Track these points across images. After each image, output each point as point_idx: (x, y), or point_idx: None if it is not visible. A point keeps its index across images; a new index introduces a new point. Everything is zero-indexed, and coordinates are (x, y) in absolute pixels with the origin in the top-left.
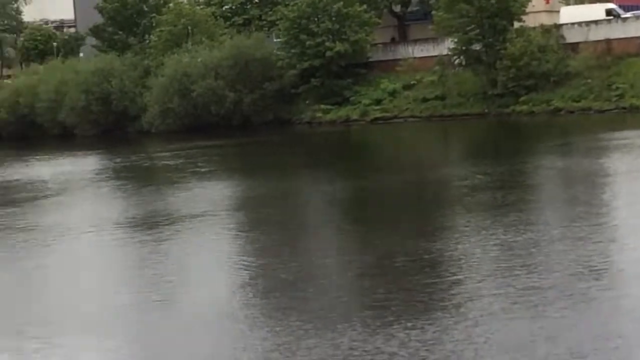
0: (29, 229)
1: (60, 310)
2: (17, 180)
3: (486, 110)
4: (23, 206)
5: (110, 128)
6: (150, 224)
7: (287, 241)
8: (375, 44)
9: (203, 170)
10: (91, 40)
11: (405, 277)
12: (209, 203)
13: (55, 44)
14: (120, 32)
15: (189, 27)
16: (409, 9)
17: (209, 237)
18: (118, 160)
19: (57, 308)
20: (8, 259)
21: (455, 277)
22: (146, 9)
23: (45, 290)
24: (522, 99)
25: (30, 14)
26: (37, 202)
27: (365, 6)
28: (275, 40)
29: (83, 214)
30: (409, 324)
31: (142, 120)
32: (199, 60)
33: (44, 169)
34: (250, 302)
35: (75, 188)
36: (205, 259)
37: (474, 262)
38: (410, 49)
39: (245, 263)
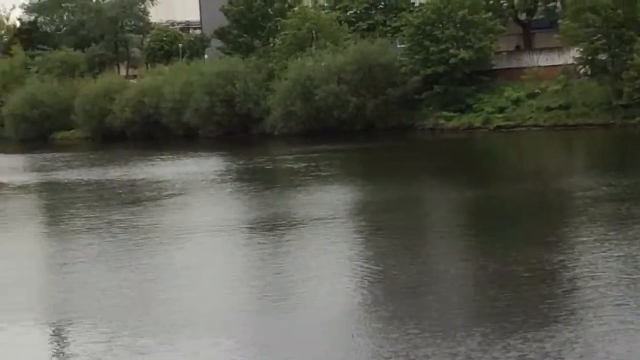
0: (152, 229)
1: (181, 311)
2: (142, 179)
3: (612, 121)
4: (147, 205)
5: (233, 130)
6: (271, 226)
7: (408, 247)
8: (500, 52)
9: (325, 174)
10: (216, 43)
11: (526, 287)
12: (330, 207)
13: (181, 45)
14: (245, 35)
15: (314, 32)
16: (535, 18)
17: (329, 241)
18: (241, 162)
19: (177, 308)
20: (130, 259)
21: (577, 290)
22: (271, 12)
23: (166, 290)
24: None
25: (157, 15)
26: (160, 202)
27: (490, 14)
28: (399, 46)
29: (205, 214)
30: (529, 336)
31: (265, 123)
32: (323, 64)
33: (168, 169)
34: (369, 307)
35: (198, 189)
36: (324, 263)
37: (597, 274)
38: (535, 57)
39: (365, 268)
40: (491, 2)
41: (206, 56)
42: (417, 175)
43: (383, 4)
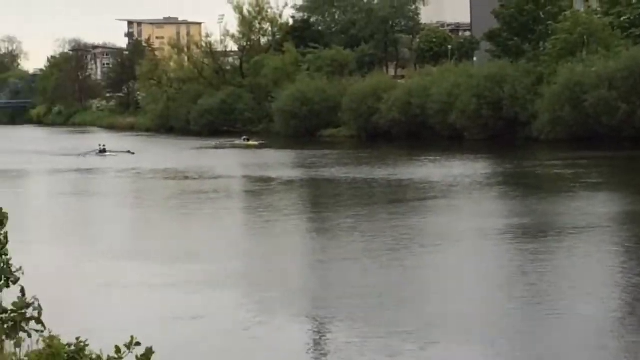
0: (416, 230)
1: (438, 312)
2: (408, 179)
3: None
4: (412, 206)
5: (499, 133)
6: (533, 232)
7: None
8: None
9: (592, 181)
10: (485, 45)
11: None
12: (595, 216)
13: (450, 47)
14: (515, 38)
15: (585, 36)
16: None
17: (592, 250)
18: (507, 166)
19: (436, 310)
20: (392, 258)
21: None
22: (542, 15)
23: (426, 292)
24: None
25: (427, 16)
26: (425, 203)
27: None
28: None
29: (469, 218)
30: None
31: (531, 127)
32: (593, 69)
33: (434, 170)
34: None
35: (463, 191)
36: (587, 272)
37: None
38: None
39: (627, 280)
40: None
41: (475, 58)
42: None
43: None
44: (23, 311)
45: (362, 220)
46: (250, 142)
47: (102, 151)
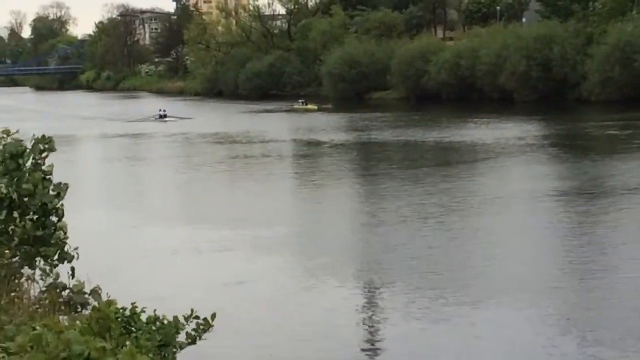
0: (466, 193)
1: (489, 276)
2: (459, 141)
3: None
4: (463, 168)
5: (548, 94)
6: (586, 194)
7: None
8: None
9: None
10: (534, 5)
11: None
12: None
13: (498, 8)
14: None
15: None
16: None
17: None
18: (558, 127)
19: (486, 273)
20: (442, 222)
21: None
22: None
23: (475, 255)
24: None
25: None
26: (477, 165)
27: None
28: None
29: (521, 180)
30: None
31: (581, 88)
32: None
33: (485, 131)
34: None
35: (515, 153)
36: (638, 234)
37: None
38: None
39: None
40: None
41: (524, 19)
42: None
43: None
44: (82, 293)
45: (413, 184)
46: (309, 106)
47: (163, 116)
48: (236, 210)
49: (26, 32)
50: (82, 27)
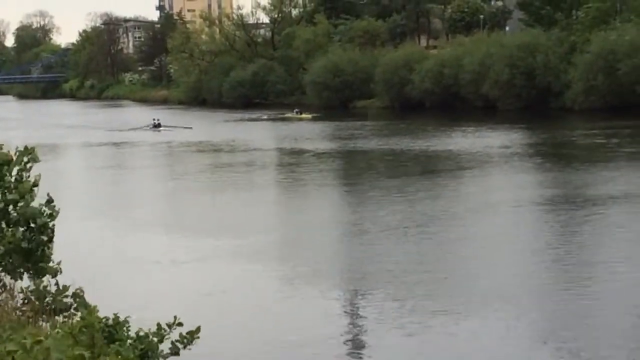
0: (450, 201)
1: (473, 284)
2: (443, 150)
3: None
4: (446, 177)
5: (532, 103)
6: (569, 203)
7: None
8: None
9: (627, 151)
10: (517, 14)
11: None
12: (632, 185)
13: (482, 16)
14: (548, 7)
15: (618, 4)
16: None
17: (628, 220)
18: (542, 136)
19: (471, 281)
20: (426, 230)
21: None
22: None
23: (460, 264)
24: None
25: None
26: (460, 174)
27: None
28: None
29: (504, 188)
30: None
31: (564, 96)
32: (627, 38)
33: (468, 140)
34: None
35: (498, 162)
36: (623, 242)
37: None
38: None
39: None
40: None
41: (507, 28)
42: None
43: None
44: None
45: (397, 192)
46: (303, 115)
47: (157, 126)
48: (219, 219)
49: (9, 41)
50: (65, 35)
